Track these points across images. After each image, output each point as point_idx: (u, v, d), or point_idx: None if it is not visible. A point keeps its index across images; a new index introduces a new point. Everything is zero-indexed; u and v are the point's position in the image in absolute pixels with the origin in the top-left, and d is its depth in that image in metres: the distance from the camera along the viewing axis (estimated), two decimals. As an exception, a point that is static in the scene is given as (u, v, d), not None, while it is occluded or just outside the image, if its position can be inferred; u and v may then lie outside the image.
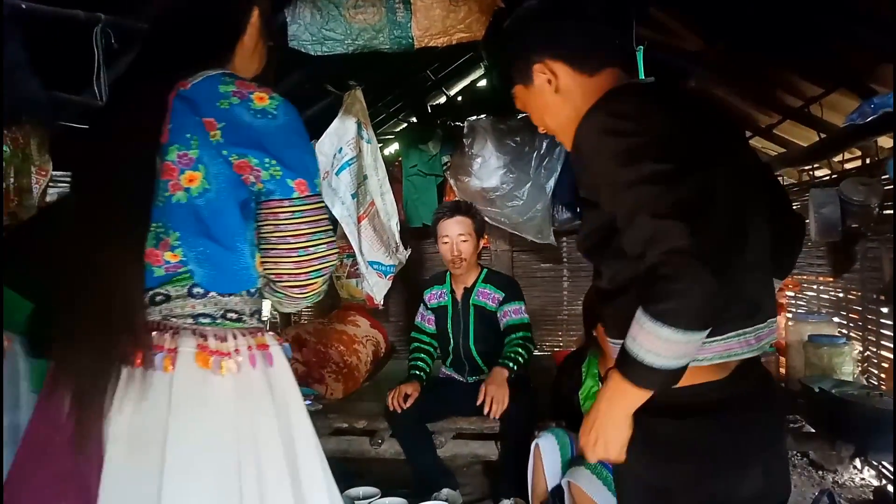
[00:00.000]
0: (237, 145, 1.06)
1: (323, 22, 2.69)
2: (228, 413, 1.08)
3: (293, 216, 1.08)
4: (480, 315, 2.90)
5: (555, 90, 1.18)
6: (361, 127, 3.61)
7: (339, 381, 3.35)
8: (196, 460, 1.04)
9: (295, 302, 1.19)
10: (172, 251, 1.08)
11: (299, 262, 1.10)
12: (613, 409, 1.06)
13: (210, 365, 1.07)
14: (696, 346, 0.95)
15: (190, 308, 1.10)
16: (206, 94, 1.07)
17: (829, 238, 3.13)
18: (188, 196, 1.07)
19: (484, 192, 4.28)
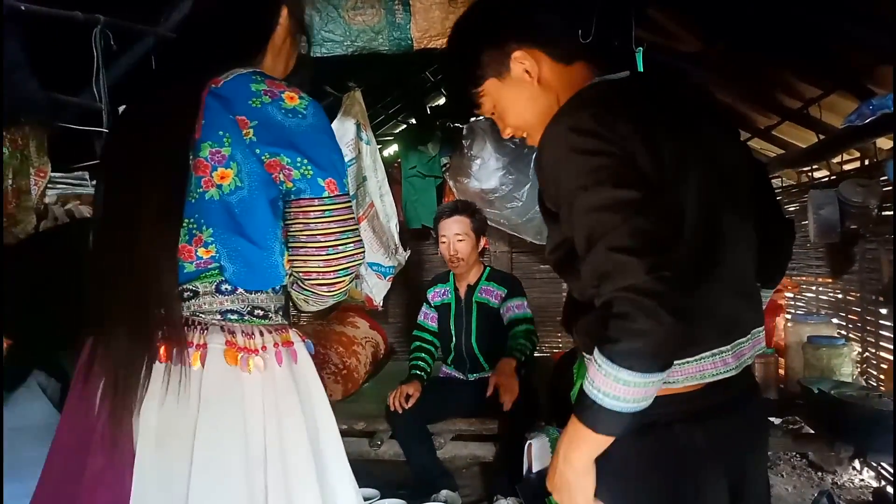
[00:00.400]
0: (270, 144, 1.07)
1: (322, 23, 2.69)
2: (256, 410, 1.09)
3: (323, 215, 1.09)
4: (483, 312, 2.91)
5: (537, 80, 1.10)
6: (360, 128, 3.62)
7: (338, 383, 3.34)
8: (224, 457, 1.05)
9: (322, 300, 1.19)
10: (206, 247, 1.08)
11: (328, 261, 1.10)
12: (572, 457, 0.97)
13: (238, 362, 1.08)
14: (657, 386, 0.89)
15: (218, 304, 1.11)
16: (238, 92, 1.07)
17: (827, 239, 3.13)
18: (220, 193, 1.07)
19: (483, 194, 4.28)
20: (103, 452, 1.06)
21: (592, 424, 0.92)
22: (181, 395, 1.05)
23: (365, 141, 3.68)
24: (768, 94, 3.22)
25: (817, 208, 3.04)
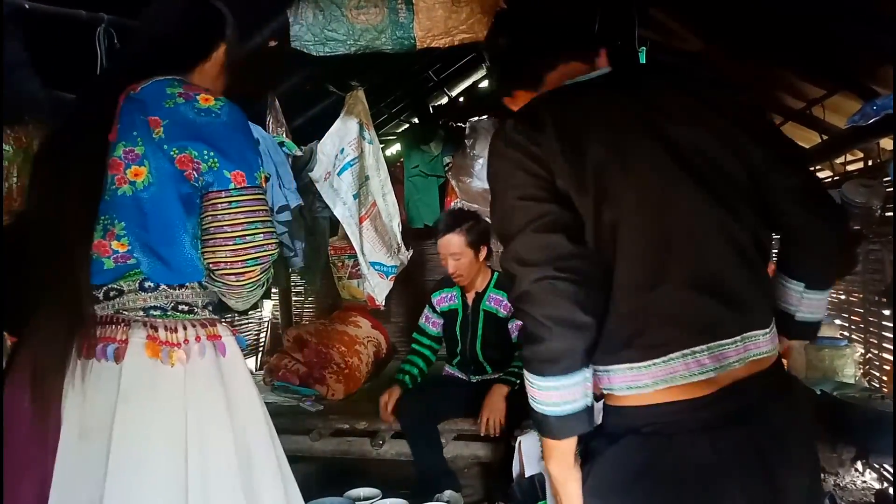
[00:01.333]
0: (178, 139, 1.11)
1: (325, 22, 2.69)
2: (177, 402, 1.12)
3: (230, 206, 1.12)
4: (491, 321, 2.88)
5: None
6: (363, 127, 3.61)
7: (340, 382, 3.34)
8: (141, 448, 1.08)
9: (234, 292, 1.20)
10: (118, 240, 1.13)
11: (235, 251, 1.12)
12: (550, 469, 1.02)
13: (160, 355, 1.12)
14: (577, 389, 0.92)
15: (141, 301, 1.15)
16: (153, 96, 1.14)
17: (830, 240, 3.12)
18: (133, 189, 1.13)
19: (485, 194, 4.27)
20: (31, 445, 1.08)
21: (542, 432, 0.98)
22: (100, 390, 1.09)
23: (368, 140, 3.68)
24: (770, 94, 3.21)
25: (820, 209, 3.03)
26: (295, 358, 3.47)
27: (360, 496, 2.36)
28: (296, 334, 3.69)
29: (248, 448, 1.19)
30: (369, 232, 3.74)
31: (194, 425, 1.12)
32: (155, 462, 1.09)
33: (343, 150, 3.54)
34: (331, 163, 3.53)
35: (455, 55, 4.55)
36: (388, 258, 3.84)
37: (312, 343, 3.56)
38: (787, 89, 3.06)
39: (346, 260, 4.54)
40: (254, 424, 1.22)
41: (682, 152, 1.00)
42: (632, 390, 0.96)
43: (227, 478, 1.14)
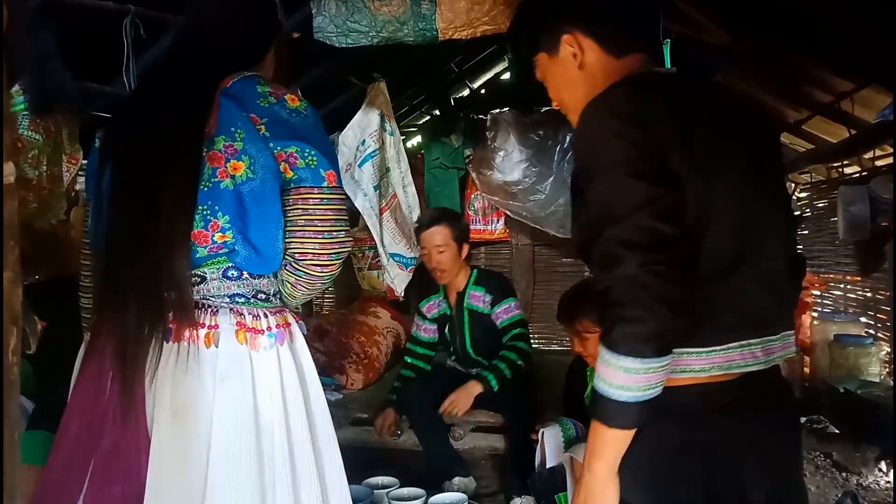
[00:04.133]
0: (282, 138, 1.17)
1: (348, 14, 2.70)
2: (265, 386, 1.17)
3: (321, 202, 1.18)
4: (475, 318, 2.88)
5: (578, 65, 1.14)
6: (385, 119, 3.63)
7: (359, 372, 3.37)
8: (240, 431, 1.14)
9: (313, 282, 1.24)
10: (223, 233, 1.16)
11: (323, 244, 1.18)
12: (595, 466, 0.97)
13: (247, 341, 1.18)
14: (661, 374, 0.91)
15: (226, 289, 1.20)
16: (246, 93, 1.18)
17: (857, 237, 3.07)
18: (234, 183, 1.16)
19: (506, 186, 4.27)
20: (115, 430, 1.12)
21: (605, 419, 0.94)
22: (195, 374, 1.13)
23: (389, 132, 3.69)
24: (798, 87, 3.16)
25: (847, 205, 2.98)
26: (315, 347, 3.50)
27: (378, 485, 2.39)
28: (316, 324, 3.72)
29: (315, 427, 1.27)
30: (389, 223, 3.76)
31: (278, 407, 1.19)
32: (251, 442, 1.15)
33: (364, 141, 3.56)
34: (352, 154, 3.55)
35: (477, 47, 4.53)
36: (408, 249, 3.86)
37: (333, 333, 3.59)
38: (816, 83, 3.01)
39: (366, 251, 4.56)
40: (317, 402, 1.29)
41: (758, 158, 1.07)
42: (685, 374, 0.98)
43: (305, 454, 1.21)
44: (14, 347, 0.74)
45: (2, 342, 0.72)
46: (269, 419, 1.17)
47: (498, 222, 4.76)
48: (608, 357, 0.90)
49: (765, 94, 3.50)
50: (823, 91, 3.02)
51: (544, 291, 4.87)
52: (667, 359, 0.91)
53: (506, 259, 4.91)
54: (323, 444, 1.28)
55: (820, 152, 3.49)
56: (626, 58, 1.13)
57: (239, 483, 1.12)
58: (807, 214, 4.19)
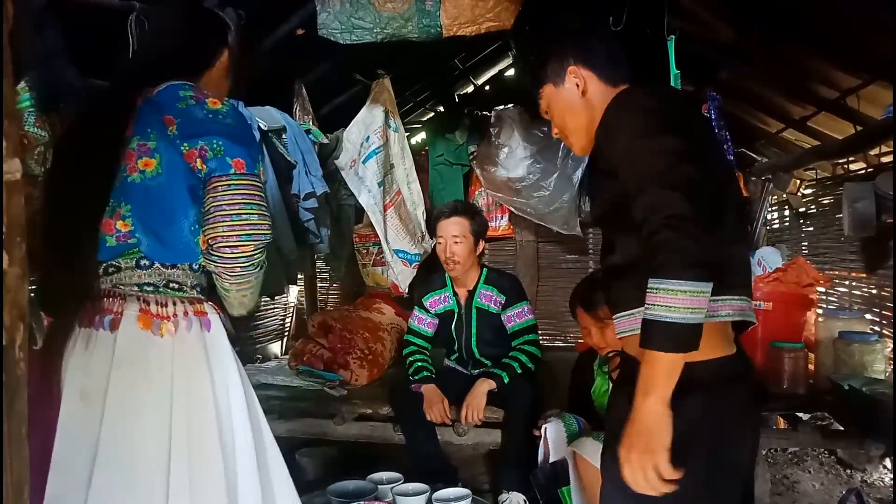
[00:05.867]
0: (190, 136, 1.26)
1: (352, 10, 2.70)
2: (166, 369, 1.24)
3: (229, 188, 1.24)
4: (483, 317, 2.86)
5: (581, 93, 1.36)
6: (389, 116, 3.63)
7: (363, 368, 3.38)
8: (132, 412, 1.21)
9: (228, 266, 1.27)
10: (123, 220, 1.26)
11: (231, 226, 1.23)
12: (648, 401, 1.06)
13: (151, 326, 1.25)
14: (705, 299, 1.04)
15: (137, 278, 1.29)
16: (168, 98, 1.29)
17: (863, 233, 3.06)
18: (142, 177, 1.27)
19: (510, 183, 4.27)
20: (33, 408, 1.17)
21: (658, 344, 1.05)
22: (98, 357, 1.22)
23: (393, 128, 3.70)
24: (804, 83, 3.15)
25: (852, 201, 2.97)
26: (320, 343, 3.51)
27: (382, 480, 2.39)
28: (321, 320, 3.73)
29: (231, 414, 1.30)
30: (393, 220, 3.76)
31: (181, 393, 1.24)
32: (144, 424, 1.21)
33: (368, 138, 3.56)
34: (356, 151, 3.56)
35: (481, 43, 4.53)
36: (412, 246, 3.86)
37: (337, 329, 3.60)
38: (822, 79, 2.99)
39: (370, 247, 4.57)
40: (234, 389, 1.32)
41: None
42: (714, 318, 1.15)
43: (209, 442, 1.25)
44: (21, 343, 0.74)
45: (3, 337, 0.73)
46: (167, 406, 1.22)
47: (502, 219, 4.76)
48: (660, 284, 1.04)
49: (770, 91, 3.49)
50: (829, 87, 3.01)
51: (548, 288, 4.88)
52: (709, 285, 1.04)
53: (510, 256, 4.91)
54: (239, 435, 1.30)
55: (825, 149, 3.47)
56: (619, 88, 1.33)
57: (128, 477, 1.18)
58: (812, 211, 4.17)
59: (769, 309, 3.01)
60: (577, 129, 1.38)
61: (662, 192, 1.06)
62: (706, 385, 1.14)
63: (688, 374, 1.08)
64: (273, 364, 3.96)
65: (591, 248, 4.80)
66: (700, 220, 1.03)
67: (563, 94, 1.38)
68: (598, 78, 1.35)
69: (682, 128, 1.15)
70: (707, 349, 1.12)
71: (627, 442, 1.08)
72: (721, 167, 1.23)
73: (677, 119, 1.17)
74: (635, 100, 1.23)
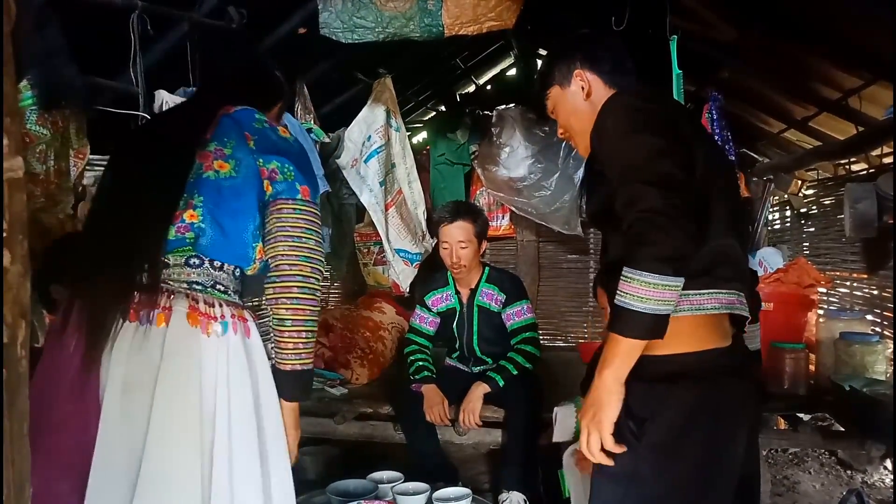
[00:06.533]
0: (266, 152, 1.33)
1: (354, 10, 2.70)
2: (211, 370, 1.25)
3: (294, 212, 1.32)
4: (485, 316, 2.86)
5: (586, 95, 1.41)
6: (390, 115, 3.63)
7: (364, 367, 3.38)
8: (180, 407, 1.21)
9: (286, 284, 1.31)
10: (193, 210, 1.29)
11: (292, 246, 1.30)
12: (604, 374, 1.15)
13: (199, 324, 1.26)
14: (673, 292, 1.08)
15: (185, 276, 1.30)
16: (246, 117, 1.38)
17: (864, 234, 3.06)
18: (216, 175, 1.31)
19: (511, 182, 4.27)
20: (71, 400, 1.21)
21: (623, 329, 1.11)
22: (143, 351, 1.23)
23: (394, 128, 3.70)
24: (805, 84, 3.14)
25: (854, 202, 2.97)
26: (320, 342, 3.51)
27: (382, 479, 2.39)
28: (322, 319, 3.72)
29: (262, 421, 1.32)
30: (395, 219, 3.76)
31: (223, 394, 1.25)
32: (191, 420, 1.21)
33: (370, 137, 3.56)
34: (358, 150, 3.56)
35: (483, 43, 4.53)
36: (413, 245, 3.87)
37: (338, 328, 3.60)
38: (823, 79, 2.99)
39: (371, 246, 4.57)
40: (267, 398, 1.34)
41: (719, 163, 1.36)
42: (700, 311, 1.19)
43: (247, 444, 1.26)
44: (23, 340, 0.74)
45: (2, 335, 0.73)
46: (211, 404, 1.23)
47: (503, 218, 4.76)
48: (631, 274, 1.08)
49: (772, 91, 3.48)
50: (831, 88, 3.01)
51: (549, 288, 4.88)
52: (679, 280, 1.08)
53: (511, 255, 4.91)
54: (270, 443, 1.32)
55: (827, 149, 3.47)
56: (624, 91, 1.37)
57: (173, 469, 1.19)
58: (813, 211, 4.17)
59: (770, 309, 3.00)
60: (581, 131, 1.42)
61: (638, 187, 1.11)
62: (698, 375, 1.19)
63: (679, 364, 1.18)
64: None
65: (592, 247, 4.79)
66: (674, 214, 1.06)
67: (568, 96, 1.44)
68: (604, 82, 1.41)
69: (662, 126, 1.19)
70: (698, 340, 1.20)
71: (583, 411, 1.19)
72: (711, 164, 1.26)
73: (658, 118, 1.21)
74: (621, 101, 1.28)
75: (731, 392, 1.23)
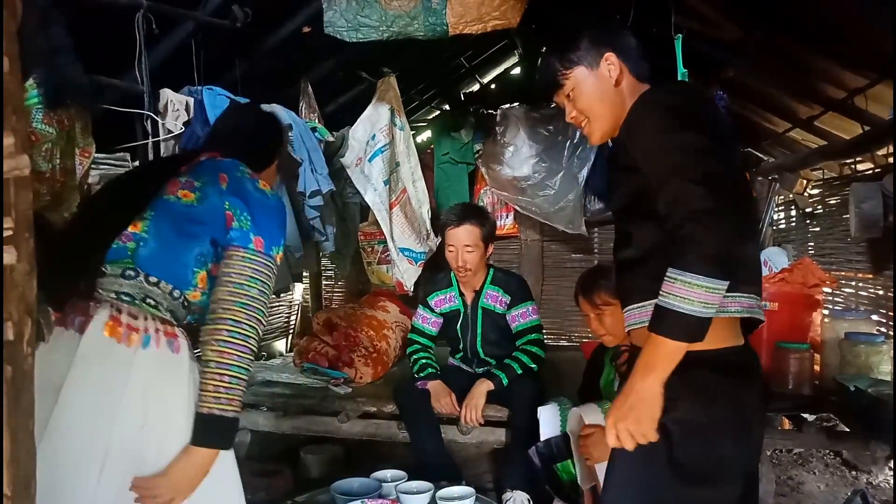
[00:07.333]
0: (234, 195, 1.36)
1: (358, 8, 2.70)
2: (121, 379, 1.25)
3: (242, 260, 1.32)
4: (489, 317, 2.86)
5: (615, 82, 1.37)
6: (395, 114, 3.63)
7: (368, 366, 3.39)
8: (81, 410, 1.22)
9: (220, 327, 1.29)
10: (140, 221, 1.33)
11: (232, 292, 1.30)
12: (646, 382, 1.14)
13: (116, 335, 1.26)
14: (719, 295, 1.08)
15: (117, 286, 1.31)
16: (229, 165, 1.43)
17: (869, 234, 3.05)
18: (177, 200, 1.36)
19: (515, 181, 4.26)
20: None
21: (667, 330, 1.10)
22: (60, 355, 1.24)
23: (399, 127, 3.69)
24: (811, 83, 3.13)
25: (859, 202, 2.96)
26: (324, 341, 3.52)
27: (386, 478, 2.39)
28: (325, 318, 3.74)
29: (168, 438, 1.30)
30: (399, 218, 3.76)
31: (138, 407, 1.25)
32: (87, 427, 1.22)
33: (374, 136, 3.56)
34: (362, 149, 3.55)
35: (487, 42, 4.53)
36: (417, 244, 3.86)
37: (342, 327, 3.61)
38: (828, 78, 2.98)
39: (375, 245, 4.58)
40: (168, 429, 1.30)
41: None
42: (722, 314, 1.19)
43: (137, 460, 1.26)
44: (29, 338, 0.75)
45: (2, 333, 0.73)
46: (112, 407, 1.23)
47: (507, 218, 4.75)
48: (678, 275, 1.08)
49: (777, 90, 3.47)
50: (836, 87, 2.99)
51: (553, 287, 4.87)
52: (725, 283, 1.08)
53: (515, 255, 4.91)
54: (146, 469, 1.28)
55: (832, 149, 3.46)
56: (643, 84, 1.38)
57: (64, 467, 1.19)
58: (818, 211, 4.15)
59: (775, 309, 3.00)
60: (602, 116, 1.38)
61: (687, 186, 1.10)
62: (716, 371, 1.22)
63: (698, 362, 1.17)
64: (278, 361, 3.97)
65: (597, 247, 4.78)
66: (723, 214, 1.06)
67: (596, 78, 1.38)
68: (630, 72, 1.38)
69: (706, 124, 1.19)
70: (717, 339, 1.19)
71: (619, 413, 1.17)
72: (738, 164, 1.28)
73: (699, 116, 1.21)
74: (660, 98, 1.26)
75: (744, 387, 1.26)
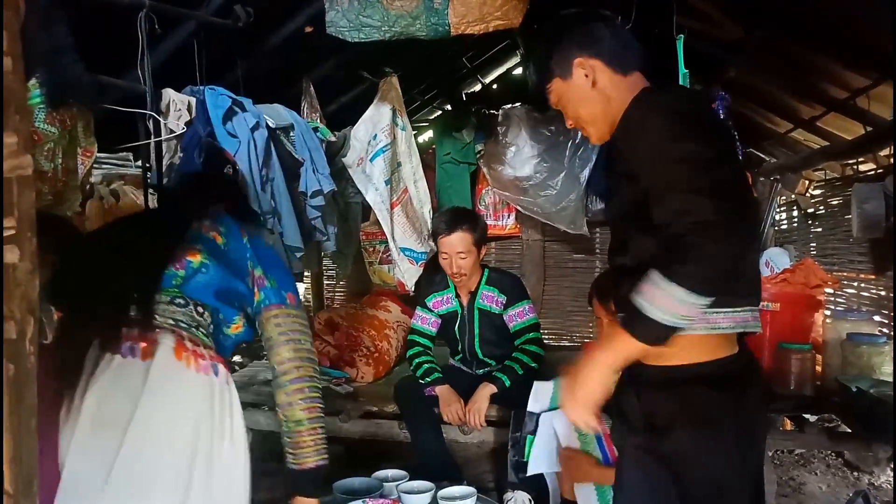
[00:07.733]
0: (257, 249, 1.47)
1: (360, 8, 2.70)
2: (196, 403, 1.24)
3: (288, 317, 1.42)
4: (486, 318, 2.85)
5: (591, 84, 1.31)
6: (396, 114, 3.62)
7: (369, 365, 3.39)
8: (159, 436, 1.19)
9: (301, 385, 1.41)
10: (194, 252, 1.35)
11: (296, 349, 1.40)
12: (604, 359, 1.16)
13: (185, 359, 1.27)
14: (697, 311, 1.06)
15: (171, 313, 1.33)
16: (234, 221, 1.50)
17: (871, 234, 3.05)
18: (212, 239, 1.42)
19: (517, 181, 4.26)
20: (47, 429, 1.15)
21: (636, 331, 1.10)
22: (122, 385, 1.20)
23: (400, 126, 3.69)
24: (813, 83, 3.13)
25: (861, 202, 2.96)
26: (326, 340, 3.52)
27: (387, 477, 2.39)
28: (327, 317, 3.74)
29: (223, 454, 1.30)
30: (400, 218, 3.76)
31: (206, 429, 1.25)
32: (167, 452, 1.20)
33: (376, 136, 3.56)
34: (363, 149, 3.55)
35: (489, 42, 4.53)
36: (419, 244, 3.86)
37: (343, 326, 3.61)
38: (831, 79, 2.98)
39: (377, 245, 4.58)
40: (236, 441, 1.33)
41: None
42: (716, 330, 1.19)
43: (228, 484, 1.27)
44: (31, 336, 0.75)
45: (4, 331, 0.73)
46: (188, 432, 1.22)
47: (509, 218, 4.75)
48: (664, 284, 1.05)
49: (779, 90, 3.47)
50: (838, 87, 2.99)
51: (554, 287, 4.87)
52: (709, 300, 1.06)
53: (516, 255, 4.91)
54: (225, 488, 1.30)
55: (834, 149, 3.46)
56: (631, 75, 1.31)
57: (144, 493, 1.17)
58: (820, 212, 4.15)
59: (777, 310, 2.99)
60: (592, 120, 1.35)
61: (691, 197, 1.06)
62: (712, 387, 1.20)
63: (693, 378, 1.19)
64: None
65: (598, 247, 4.78)
66: (731, 228, 1.03)
67: (572, 87, 1.34)
68: (607, 66, 1.31)
69: (707, 131, 1.15)
70: (710, 350, 1.21)
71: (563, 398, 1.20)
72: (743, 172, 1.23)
73: (702, 122, 1.18)
74: (658, 102, 1.21)
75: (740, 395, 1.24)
